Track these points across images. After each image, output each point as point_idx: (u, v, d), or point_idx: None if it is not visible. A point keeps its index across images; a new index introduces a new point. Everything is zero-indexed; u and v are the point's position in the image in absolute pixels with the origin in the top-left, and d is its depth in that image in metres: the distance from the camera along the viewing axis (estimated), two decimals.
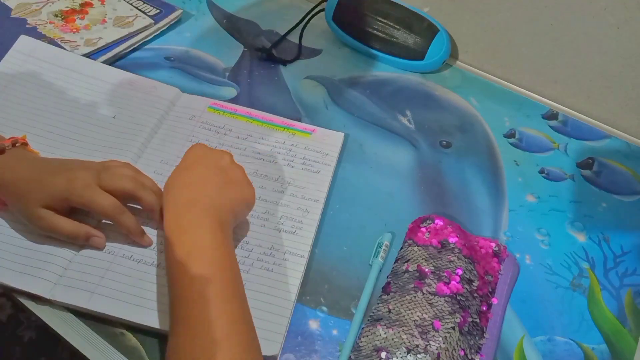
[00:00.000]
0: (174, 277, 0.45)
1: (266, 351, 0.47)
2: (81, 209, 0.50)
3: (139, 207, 0.53)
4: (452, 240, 0.55)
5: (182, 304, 0.43)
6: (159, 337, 0.48)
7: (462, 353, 0.49)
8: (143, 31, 0.75)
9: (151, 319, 0.48)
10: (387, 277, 0.54)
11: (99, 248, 0.51)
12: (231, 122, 0.66)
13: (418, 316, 0.50)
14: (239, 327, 0.43)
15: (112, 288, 0.50)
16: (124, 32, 0.74)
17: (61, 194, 0.49)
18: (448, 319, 0.50)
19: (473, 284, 0.53)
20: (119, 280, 0.50)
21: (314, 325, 0.51)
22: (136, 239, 0.52)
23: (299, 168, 0.62)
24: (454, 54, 0.81)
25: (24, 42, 0.68)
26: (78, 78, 0.66)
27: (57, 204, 0.49)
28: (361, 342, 0.49)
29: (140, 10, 0.78)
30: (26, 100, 0.63)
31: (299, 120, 0.68)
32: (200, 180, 0.50)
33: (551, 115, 0.74)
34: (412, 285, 0.52)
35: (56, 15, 0.75)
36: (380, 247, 0.56)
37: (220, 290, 0.43)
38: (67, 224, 0.50)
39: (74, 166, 0.51)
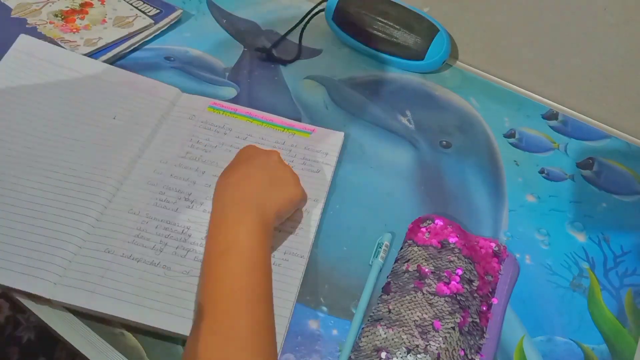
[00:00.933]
0: (208, 269, 0.45)
1: None
2: None
3: None
4: (452, 240, 0.55)
5: (210, 297, 0.43)
6: (159, 337, 0.48)
7: (462, 353, 0.49)
8: (143, 31, 0.75)
9: (151, 319, 0.48)
10: (387, 277, 0.54)
11: None
12: (231, 121, 0.66)
13: (418, 316, 0.50)
14: (260, 330, 0.43)
15: (112, 287, 0.50)
16: (124, 32, 0.74)
17: None
18: (448, 319, 0.50)
19: (473, 284, 0.53)
20: (119, 280, 0.50)
21: (314, 325, 0.51)
22: None
23: (299, 168, 0.62)
24: (454, 54, 0.81)
25: (23, 41, 0.68)
26: (78, 77, 0.66)
27: None
28: (361, 342, 0.49)
29: (140, 10, 0.78)
30: (26, 100, 0.63)
31: (299, 120, 0.69)
32: (246, 179, 0.51)
33: (551, 115, 0.74)
34: (412, 286, 0.52)
35: (56, 15, 0.75)
36: (380, 247, 0.56)
37: (251, 290, 0.44)
38: None
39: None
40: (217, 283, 0.44)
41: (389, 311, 0.51)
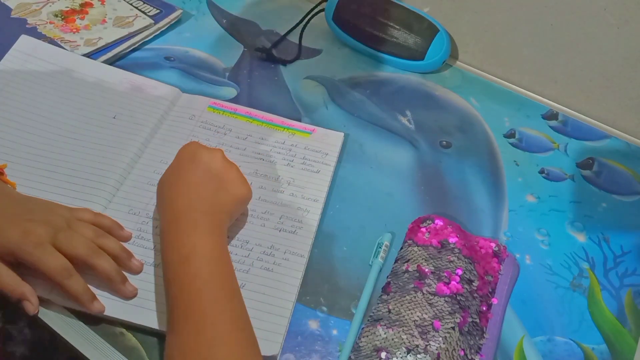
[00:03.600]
0: (172, 277, 0.45)
1: (266, 351, 0.47)
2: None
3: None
4: (452, 240, 0.55)
5: (182, 303, 0.43)
6: (159, 337, 0.48)
7: (462, 353, 0.49)
8: (143, 31, 0.75)
9: (151, 319, 0.48)
10: (387, 277, 0.54)
11: (28, 313, 0.47)
12: (231, 121, 0.66)
13: (418, 316, 0.50)
14: (239, 324, 0.43)
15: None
16: (124, 32, 0.74)
17: (10, 247, 0.45)
18: (448, 319, 0.50)
19: (473, 284, 0.53)
20: None
21: (314, 325, 0.51)
22: (84, 306, 0.48)
23: (298, 168, 0.62)
24: (454, 54, 0.81)
25: (24, 41, 0.68)
26: (78, 78, 0.66)
27: (4, 253, 0.46)
28: (361, 342, 0.49)
29: (140, 10, 0.78)
30: (26, 100, 0.63)
31: (299, 120, 0.68)
32: (195, 184, 0.50)
33: (551, 115, 0.74)
34: (412, 286, 0.52)
35: (56, 15, 0.75)
36: (380, 247, 0.56)
37: (220, 288, 0.44)
38: (6, 277, 0.46)
39: (36, 217, 0.48)
40: (187, 287, 0.43)
41: (389, 311, 0.51)
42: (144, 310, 0.48)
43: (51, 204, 0.52)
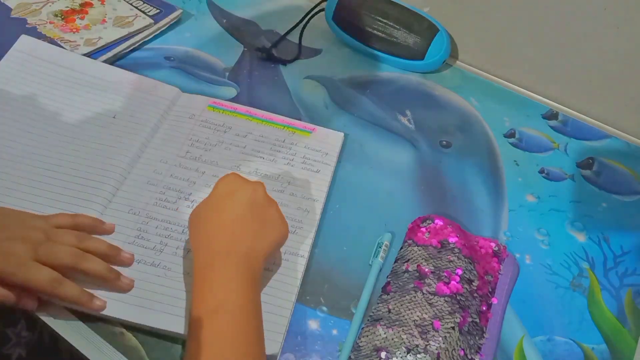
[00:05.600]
0: (197, 329, 0.42)
1: (266, 350, 0.47)
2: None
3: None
4: (452, 240, 0.55)
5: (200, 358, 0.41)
6: (159, 337, 0.48)
7: (462, 353, 0.49)
8: (143, 31, 0.75)
9: (151, 319, 0.48)
10: (387, 277, 0.54)
11: (29, 310, 0.47)
12: (231, 120, 0.66)
13: (418, 316, 0.50)
14: None
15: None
16: (124, 32, 0.74)
17: None
18: (448, 318, 0.50)
19: (473, 283, 0.53)
20: None
21: (313, 325, 0.51)
22: (85, 307, 0.47)
23: (298, 167, 0.62)
24: (454, 54, 0.81)
25: (24, 41, 0.68)
26: (78, 77, 0.66)
27: None
28: (361, 342, 0.49)
29: (140, 10, 0.78)
30: (26, 99, 0.63)
31: (299, 120, 0.68)
32: (235, 223, 0.47)
33: (551, 115, 0.74)
34: (412, 285, 0.52)
35: (56, 15, 0.75)
36: (380, 247, 0.56)
37: (243, 354, 0.42)
38: None
39: (12, 234, 0.47)
40: (207, 347, 0.41)
41: (389, 311, 0.51)
42: (144, 310, 0.48)
43: (25, 214, 0.50)
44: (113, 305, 0.48)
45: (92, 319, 0.49)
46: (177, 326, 0.48)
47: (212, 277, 0.44)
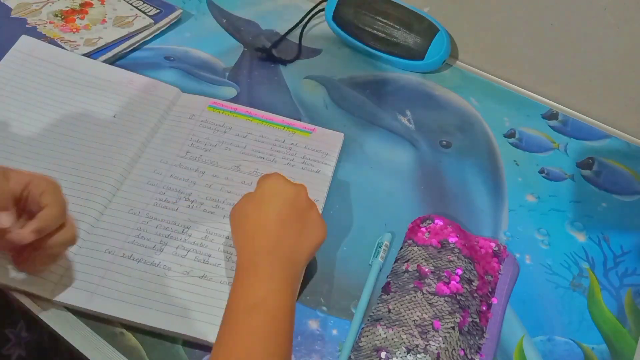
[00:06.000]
0: (231, 323, 0.43)
1: None
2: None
3: None
4: (452, 240, 0.55)
5: (231, 356, 0.41)
6: (159, 337, 0.48)
7: (462, 353, 0.49)
8: (143, 31, 0.75)
9: (152, 319, 0.48)
10: (387, 277, 0.54)
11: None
12: (231, 120, 0.66)
13: (418, 316, 0.50)
14: None
15: (112, 288, 0.50)
16: (124, 32, 0.74)
17: None
18: (448, 318, 0.50)
19: (473, 283, 0.53)
20: (119, 280, 0.50)
21: (314, 325, 0.51)
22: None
23: (298, 167, 0.62)
24: (454, 54, 0.81)
25: (25, 41, 0.68)
26: (78, 77, 0.66)
27: None
28: (361, 342, 0.49)
29: (140, 10, 0.78)
30: (27, 99, 0.63)
31: (299, 120, 0.68)
32: (279, 222, 0.47)
33: (551, 115, 0.74)
34: (412, 285, 0.52)
35: (56, 15, 0.75)
36: (380, 247, 0.56)
37: (272, 354, 0.42)
38: None
39: None
40: (241, 340, 0.41)
41: (389, 311, 0.51)
42: (145, 309, 0.49)
43: None
44: (113, 304, 0.48)
45: (92, 318, 0.49)
46: (177, 326, 0.48)
47: (253, 273, 0.45)
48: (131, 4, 0.79)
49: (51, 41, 0.71)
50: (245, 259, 0.46)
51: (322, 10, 0.80)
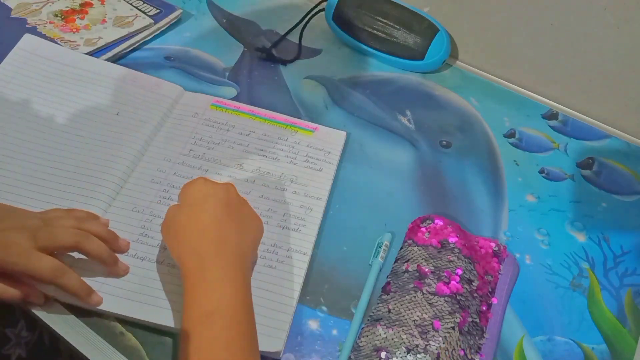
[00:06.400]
0: (190, 333, 0.42)
1: (269, 347, 0.47)
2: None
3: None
4: (452, 240, 0.55)
5: None
6: (159, 337, 0.48)
7: (462, 353, 0.49)
8: (143, 31, 0.75)
9: (156, 316, 0.48)
10: (387, 277, 0.54)
11: (36, 304, 0.47)
12: (234, 119, 0.66)
13: (418, 316, 0.50)
14: None
15: (116, 286, 0.50)
16: (124, 32, 0.74)
17: None
18: (448, 318, 0.50)
19: (473, 283, 0.53)
20: (123, 278, 0.50)
21: (313, 325, 0.51)
22: (83, 301, 0.47)
23: (301, 166, 0.62)
24: (454, 54, 0.81)
25: (27, 40, 0.68)
26: (81, 75, 0.66)
27: None
28: (361, 342, 0.49)
29: (140, 10, 0.78)
30: (29, 97, 0.63)
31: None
32: (217, 224, 0.46)
33: (551, 115, 0.74)
34: (412, 285, 0.52)
35: (56, 15, 0.75)
36: (380, 247, 0.56)
37: (239, 355, 0.41)
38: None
39: (9, 225, 0.46)
40: (200, 352, 0.40)
41: (389, 311, 0.51)
42: (149, 307, 0.49)
43: (16, 208, 0.50)
44: (118, 302, 0.48)
45: (94, 317, 0.49)
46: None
47: (203, 279, 0.44)
48: (131, 4, 0.79)
49: (51, 41, 0.70)
50: (190, 268, 0.45)
51: (322, 10, 0.80)
